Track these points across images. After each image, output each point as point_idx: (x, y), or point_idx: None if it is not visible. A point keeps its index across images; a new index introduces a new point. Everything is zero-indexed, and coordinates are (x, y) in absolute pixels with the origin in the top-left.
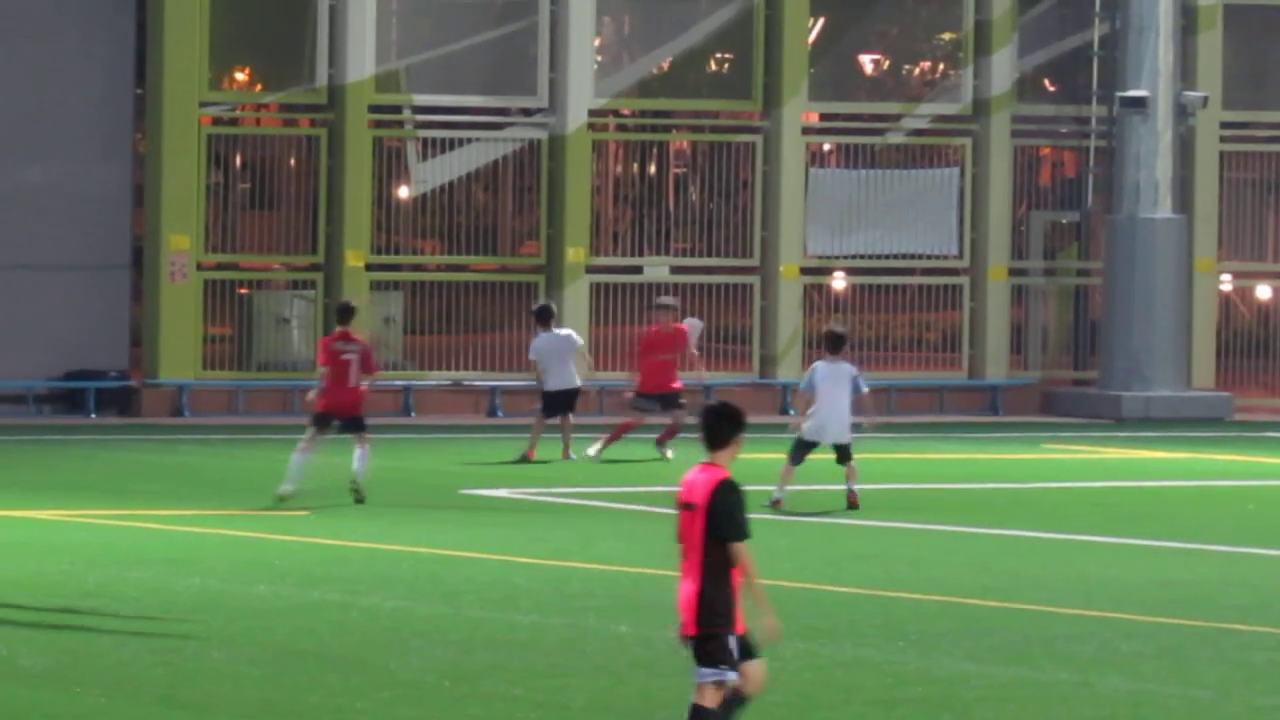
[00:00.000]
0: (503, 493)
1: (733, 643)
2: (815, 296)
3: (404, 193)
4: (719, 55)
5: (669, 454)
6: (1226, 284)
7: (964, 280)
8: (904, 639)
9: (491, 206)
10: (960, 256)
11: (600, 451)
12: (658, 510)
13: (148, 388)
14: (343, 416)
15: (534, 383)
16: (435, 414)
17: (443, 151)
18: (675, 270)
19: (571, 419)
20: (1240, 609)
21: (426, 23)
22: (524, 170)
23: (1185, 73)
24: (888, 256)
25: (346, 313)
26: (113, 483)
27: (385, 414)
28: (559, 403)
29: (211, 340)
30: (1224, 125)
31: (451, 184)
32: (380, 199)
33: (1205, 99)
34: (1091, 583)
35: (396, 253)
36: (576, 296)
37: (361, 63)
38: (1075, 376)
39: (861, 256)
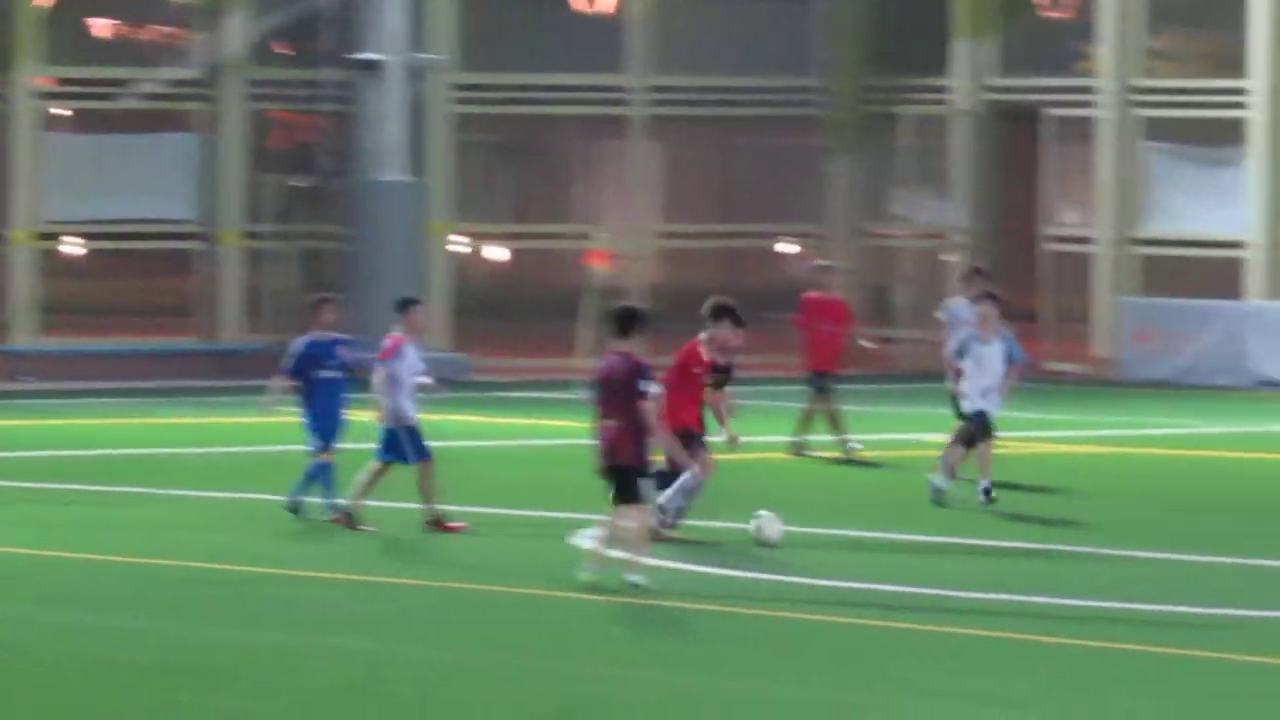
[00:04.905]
0: None
1: None
2: (51, 262)
3: None
4: None
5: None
6: (461, 246)
7: (198, 245)
8: (148, 606)
9: None
10: (195, 221)
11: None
12: None
13: None
14: None
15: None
16: None
17: None
18: None
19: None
20: (471, 569)
21: None
22: None
23: (420, 36)
24: (124, 221)
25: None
26: None
27: None
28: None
29: None
30: (458, 87)
31: None
32: None
33: (437, 61)
34: (319, 547)
35: None
36: None
37: None
38: None
39: (97, 221)
